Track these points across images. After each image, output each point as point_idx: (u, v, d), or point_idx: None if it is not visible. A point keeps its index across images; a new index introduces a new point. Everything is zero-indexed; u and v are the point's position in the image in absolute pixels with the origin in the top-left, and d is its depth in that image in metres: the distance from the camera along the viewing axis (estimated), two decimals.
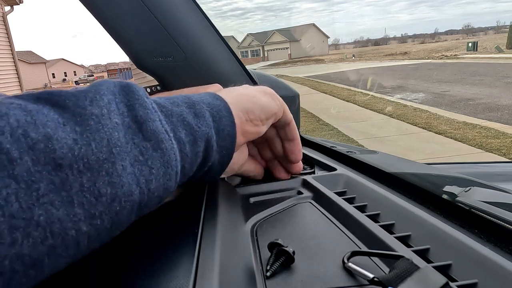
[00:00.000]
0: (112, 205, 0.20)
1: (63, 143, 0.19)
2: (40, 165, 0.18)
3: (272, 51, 58.31)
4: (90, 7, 0.57)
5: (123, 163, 0.21)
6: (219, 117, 0.31)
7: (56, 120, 0.20)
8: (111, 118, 0.22)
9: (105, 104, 0.22)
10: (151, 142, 0.24)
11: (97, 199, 0.20)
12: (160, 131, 0.24)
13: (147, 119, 0.24)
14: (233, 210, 0.34)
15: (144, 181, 0.22)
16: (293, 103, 0.73)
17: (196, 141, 0.28)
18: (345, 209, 0.32)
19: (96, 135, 0.21)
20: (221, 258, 0.23)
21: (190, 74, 0.61)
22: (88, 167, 0.19)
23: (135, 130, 0.23)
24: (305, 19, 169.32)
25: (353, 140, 4.50)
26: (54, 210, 0.18)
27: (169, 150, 0.25)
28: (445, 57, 21.70)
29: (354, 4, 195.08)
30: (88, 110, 0.21)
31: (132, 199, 0.22)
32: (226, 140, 0.31)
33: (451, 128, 4.74)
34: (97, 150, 0.20)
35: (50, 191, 0.18)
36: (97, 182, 0.20)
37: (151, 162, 0.23)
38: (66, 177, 0.18)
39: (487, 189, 0.37)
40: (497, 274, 0.21)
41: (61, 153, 0.18)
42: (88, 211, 0.19)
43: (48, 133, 0.18)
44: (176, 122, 0.27)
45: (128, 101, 0.24)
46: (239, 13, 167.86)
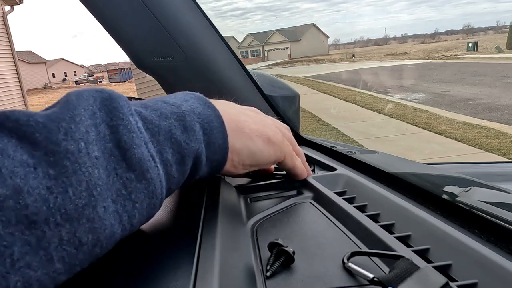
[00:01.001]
0: (94, 250, 0.19)
1: (35, 195, 0.16)
2: (11, 226, 0.15)
3: (272, 51, 58.31)
4: (90, 7, 0.57)
5: (105, 204, 0.19)
6: (210, 129, 0.28)
7: (25, 162, 0.17)
8: (90, 152, 0.19)
9: (82, 135, 0.19)
10: (135, 173, 0.21)
11: (78, 249, 0.18)
12: (145, 158, 0.22)
13: (132, 145, 0.21)
14: (233, 210, 0.34)
15: (126, 218, 0.21)
16: (293, 103, 0.73)
17: (183, 159, 0.26)
18: (345, 209, 0.32)
19: (73, 178, 0.18)
20: (221, 258, 0.23)
21: (190, 74, 0.61)
22: (66, 218, 0.17)
23: (118, 158, 0.21)
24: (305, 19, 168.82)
25: (353, 140, 4.50)
26: (32, 272, 0.16)
27: (155, 179, 0.22)
28: (445, 57, 21.71)
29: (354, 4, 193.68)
30: (62, 146, 0.18)
31: (114, 239, 0.20)
32: (216, 153, 0.29)
33: (451, 128, 4.74)
34: (75, 197, 0.18)
35: (26, 253, 0.16)
36: (78, 231, 0.18)
37: (135, 195, 0.21)
38: (43, 234, 0.16)
39: (487, 189, 0.37)
40: (497, 274, 0.21)
41: (35, 208, 0.16)
42: (69, 264, 0.18)
43: (17, 185, 0.16)
44: (163, 141, 0.24)
45: (111, 120, 0.21)
46: (239, 13, 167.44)
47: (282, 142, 0.35)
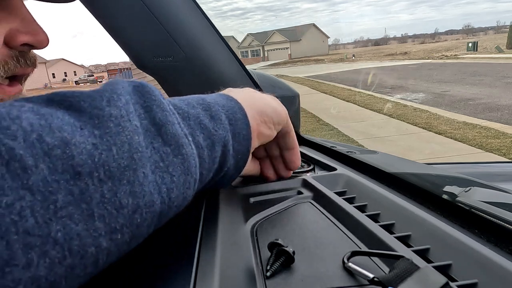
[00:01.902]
0: (134, 217, 0.19)
1: (81, 148, 0.17)
2: (57, 173, 0.16)
3: (272, 51, 58.31)
4: (91, 7, 0.57)
5: (144, 170, 0.20)
6: (235, 119, 0.29)
7: (73, 123, 0.18)
8: (131, 120, 0.20)
9: (123, 104, 0.20)
10: (171, 147, 0.22)
11: (118, 211, 0.18)
12: (180, 135, 0.23)
13: (166, 122, 0.22)
14: (233, 210, 0.34)
15: (165, 190, 0.21)
16: (293, 103, 0.73)
17: (214, 145, 0.26)
18: (345, 209, 0.32)
19: (117, 138, 0.19)
20: (221, 258, 0.23)
21: (190, 74, 0.61)
22: (109, 175, 0.18)
23: (154, 133, 0.21)
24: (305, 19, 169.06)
25: (353, 140, 4.50)
26: (73, 224, 0.16)
27: (189, 156, 0.23)
28: (445, 57, 21.71)
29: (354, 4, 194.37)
30: (106, 111, 0.19)
31: (153, 209, 0.20)
32: (242, 144, 0.30)
33: (451, 128, 4.74)
34: (118, 156, 0.18)
35: (69, 203, 0.16)
36: (118, 192, 0.18)
37: (172, 169, 0.21)
38: (86, 187, 0.17)
39: (487, 189, 0.37)
40: (497, 274, 0.21)
41: (80, 160, 0.17)
42: (109, 225, 0.17)
43: (65, 137, 0.17)
44: (194, 125, 0.25)
45: (144, 102, 0.22)
46: (239, 13, 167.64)
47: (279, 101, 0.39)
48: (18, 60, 0.32)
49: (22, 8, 0.32)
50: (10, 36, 0.31)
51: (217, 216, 0.29)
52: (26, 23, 0.31)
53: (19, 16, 0.31)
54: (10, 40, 0.31)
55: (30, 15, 0.32)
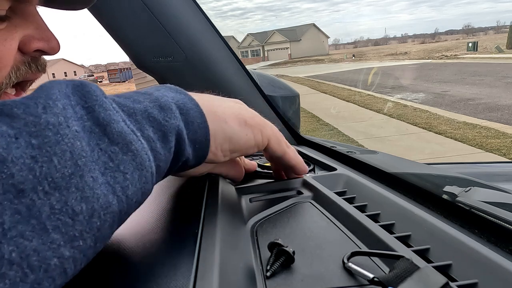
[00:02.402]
0: (92, 221, 0.19)
1: (20, 164, 0.16)
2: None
3: (272, 51, 58.30)
4: (91, 8, 0.57)
5: (93, 174, 0.19)
6: (186, 109, 0.28)
7: (6, 133, 0.17)
8: (70, 126, 0.19)
9: (60, 110, 0.20)
10: (119, 145, 0.21)
11: (73, 219, 0.18)
12: (126, 131, 0.22)
13: (111, 121, 0.22)
14: (233, 210, 0.34)
15: (120, 189, 0.21)
16: (293, 103, 0.73)
17: (166, 136, 0.26)
18: (345, 209, 0.32)
19: (57, 148, 0.18)
20: (221, 258, 0.23)
21: (190, 74, 0.61)
22: (54, 186, 0.17)
23: (99, 134, 0.21)
24: (305, 19, 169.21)
25: (353, 140, 4.50)
26: (27, 242, 0.16)
27: (140, 151, 0.23)
28: (445, 57, 21.70)
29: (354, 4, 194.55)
30: (42, 118, 0.18)
31: (112, 210, 0.20)
32: (197, 133, 0.29)
33: (451, 128, 4.74)
34: (61, 166, 0.18)
35: (17, 222, 0.16)
36: (69, 200, 0.18)
37: (123, 166, 0.21)
38: (32, 203, 0.16)
39: (487, 189, 0.37)
40: (497, 274, 0.21)
41: (21, 177, 0.16)
42: (66, 234, 0.17)
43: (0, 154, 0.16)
44: (141, 120, 0.24)
45: (85, 102, 0.22)
46: (239, 13, 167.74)
47: (263, 126, 0.34)
48: (29, 65, 0.32)
49: (36, 16, 0.32)
50: (24, 42, 0.31)
51: (217, 216, 0.29)
52: (40, 30, 0.32)
53: (34, 23, 0.32)
54: (24, 46, 0.31)
55: (43, 22, 0.33)
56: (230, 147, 0.32)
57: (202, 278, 0.20)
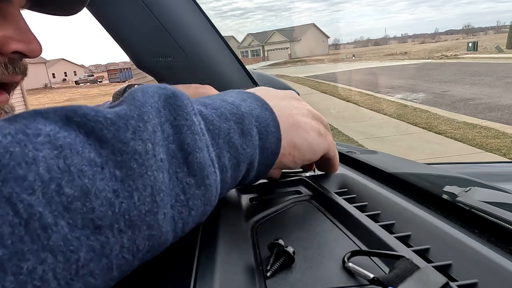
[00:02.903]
0: (146, 256, 0.19)
1: (102, 198, 0.16)
2: (77, 230, 0.15)
3: (272, 51, 58.31)
4: (91, 7, 0.57)
5: (165, 210, 0.18)
6: (266, 133, 0.27)
7: (93, 161, 0.16)
8: (156, 155, 0.18)
9: (149, 135, 0.18)
10: (195, 178, 0.20)
11: (134, 257, 0.17)
12: (206, 163, 0.21)
13: (195, 149, 0.20)
14: (233, 210, 0.34)
15: (181, 225, 0.20)
16: None
17: (239, 165, 0.25)
18: (345, 209, 0.32)
19: (139, 182, 0.17)
20: (221, 258, 0.23)
21: (190, 74, 0.61)
22: (129, 224, 0.17)
23: (179, 161, 0.20)
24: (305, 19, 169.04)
25: (353, 140, 4.50)
26: (93, 280, 0.15)
27: (212, 185, 0.21)
28: (445, 57, 21.71)
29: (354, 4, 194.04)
30: (130, 146, 0.17)
31: (165, 245, 0.20)
32: (268, 158, 0.29)
33: (451, 128, 4.74)
34: (140, 203, 0.17)
35: (90, 260, 0.15)
36: (137, 239, 0.17)
37: (192, 202, 0.20)
38: (107, 240, 0.16)
39: (487, 189, 0.37)
40: (497, 274, 0.21)
41: (100, 213, 0.16)
42: (124, 271, 0.17)
43: (85, 186, 0.15)
44: (222, 145, 0.23)
45: (174, 119, 0.20)
46: (239, 13, 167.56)
47: (327, 133, 0.36)
48: (6, 66, 0.31)
49: (18, 17, 0.32)
50: (2, 43, 0.30)
51: (217, 216, 0.29)
52: (21, 32, 0.31)
53: (14, 24, 0.31)
54: (2, 46, 0.30)
55: (25, 24, 0.32)
56: (310, 155, 0.33)
57: (202, 278, 0.20)
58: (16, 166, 0.14)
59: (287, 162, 0.32)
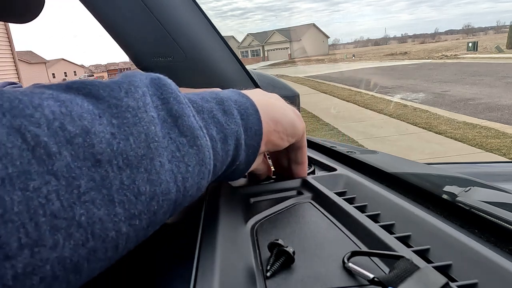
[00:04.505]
0: (151, 204, 0.20)
1: (101, 137, 0.18)
2: (79, 160, 0.17)
3: (272, 51, 58.29)
4: (90, 8, 0.57)
5: (161, 159, 0.20)
6: (246, 114, 0.30)
7: (92, 111, 0.18)
8: (147, 111, 0.21)
9: (140, 96, 0.21)
10: (187, 138, 0.23)
11: (136, 198, 0.19)
12: (195, 127, 0.24)
13: (182, 114, 0.23)
14: (233, 210, 0.34)
15: (181, 179, 0.22)
16: (293, 103, 0.73)
17: (226, 139, 0.27)
18: (345, 209, 0.32)
19: (134, 129, 0.20)
20: (221, 258, 0.23)
21: (190, 74, 0.61)
22: (127, 163, 0.18)
23: (170, 124, 0.22)
24: (305, 19, 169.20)
25: (353, 140, 4.50)
26: (96, 209, 0.17)
27: (204, 147, 0.24)
28: (445, 57, 21.70)
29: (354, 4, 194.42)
30: (124, 101, 0.20)
31: (169, 197, 0.21)
32: (253, 139, 0.31)
33: (451, 128, 4.74)
34: (136, 146, 0.19)
35: (91, 188, 0.17)
36: (137, 179, 0.19)
37: (188, 158, 0.22)
38: (106, 174, 0.17)
39: (487, 189, 0.37)
40: (497, 274, 0.21)
41: (100, 148, 0.17)
42: (128, 211, 0.18)
43: (85, 126, 0.17)
44: (208, 119, 0.26)
45: (161, 94, 0.23)
46: (239, 13, 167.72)
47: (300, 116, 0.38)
48: None
49: None
50: None
51: (217, 216, 0.29)
52: None
53: None
54: None
55: None
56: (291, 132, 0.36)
57: (202, 278, 0.20)
58: (24, 107, 0.16)
59: (275, 139, 0.34)
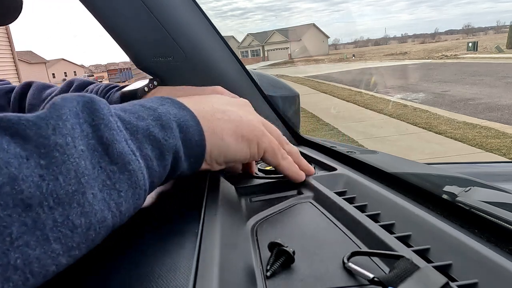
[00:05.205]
0: (88, 234, 0.21)
1: (29, 181, 0.18)
2: (9, 208, 0.17)
3: (272, 51, 58.29)
4: (90, 7, 0.57)
5: (93, 191, 0.21)
6: (186, 127, 0.30)
7: (19, 154, 0.19)
8: (76, 146, 0.21)
9: (68, 131, 0.21)
10: (117, 165, 0.23)
11: (72, 232, 0.20)
12: (126, 152, 0.24)
13: (113, 141, 0.23)
14: (233, 210, 0.34)
15: (114, 205, 0.23)
16: (293, 103, 0.73)
17: (163, 154, 0.28)
18: (345, 209, 0.32)
19: (63, 167, 0.20)
20: (221, 258, 0.23)
21: (190, 74, 0.61)
22: (58, 202, 0.19)
23: (101, 153, 0.23)
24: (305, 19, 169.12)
25: (353, 140, 4.50)
26: (31, 250, 0.17)
27: (137, 170, 0.24)
28: (445, 57, 21.70)
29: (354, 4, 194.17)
30: (51, 140, 0.20)
31: (106, 224, 0.22)
32: (194, 149, 0.31)
33: (451, 128, 4.74)
34: (65, 183, 0.20)
35: (23, 232, 0.17)
36: (70, 215, 0.19)
37: (119, 185, 0.23)
38: (38, 216, 0.18)
39: (487, 189, 0.37)
40: (497, 274, 0.21)
41: (29, 193, 0.18)
42: (65, 245, 0.19)
43: (12, 173, 0.18)
44: (142, 138, 0.26)
45: (92, 120, 0.23)
46: (239, 13, 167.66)
47: (260, 138, 0.36)
48: None
49: None
50: None
51: (217, 216, 0.29)
52: None
53: None
54: None
55: None
56: (225, 159, 0.34)
57: (202, 278, 0.20)
58: None
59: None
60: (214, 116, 0.34)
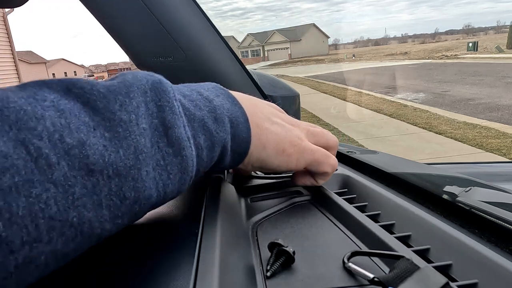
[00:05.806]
0: (134, 207, 0.22)
1: (95, 149, 0.20)
2: (75, 170, 0.19)
3: (272, 51, 58.29)
4: (90, 7, 0.57)
5: (147, 169, 0.22)
6: (236, 123, 0.31)
7: (87, 123, 0.20)
8: (139, 124, 0.23)
9: (133, 109, 0.23)
10: (173, 148, 0.24)
11: (122, 202, 0.21)
12: (183, 138, 0.25)
13: (174, 125, 0.25)
14: (233, 210, 0.34)
15: (162, 185, 0.24)
16: (293, 103, 0.73)
17: (213, 146, 0.29)
18: (345, 209, 0.32)
19: (124, 142, 0.21)
20: (221, 258, 0.23)
21: (190, 74, 0.61)
22: (116, 173, 0.21)
23: (161, 133, 0.24)
24: (305, 19, 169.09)
25: (353, 140, 4.50)
26: (86, 212, 0.19)
27: (188, 157, 0.26)
28: (445, 57, 21.70)
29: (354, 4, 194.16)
30: (117, 115, 0.22)
31: (150, 201, 0.23)
32: (240, 146, 0.32)
33: (452, 128, 4.74)
34: (125, 157, 0.21)
35: (83, 195, 0.19)
36: (124, 187, 0.21)
37: (170, 167, 0.24)
38: (97, 182, 0.20)
39: (487, 189, 0.37)
40: (497, 274, 0.21)
41: (93, 159, 0.20)
42: (113, 213, 0.21)
43: (81, 138, 0.19)
44: (197, 128, 0.28)
45: (159, 100, 0.25)
46: (239, 13, 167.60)
47: (301, 153, 0.35)
48: None
49: None
50: None
51: (217, 216, 0.29)
52: None
53: None
54: None
55: None
56: (261, 165, 0.35)
57: (202, 278, 0.20)
58: (28, 120, 0.18)
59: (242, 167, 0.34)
60: (263, 124, 0.34)
